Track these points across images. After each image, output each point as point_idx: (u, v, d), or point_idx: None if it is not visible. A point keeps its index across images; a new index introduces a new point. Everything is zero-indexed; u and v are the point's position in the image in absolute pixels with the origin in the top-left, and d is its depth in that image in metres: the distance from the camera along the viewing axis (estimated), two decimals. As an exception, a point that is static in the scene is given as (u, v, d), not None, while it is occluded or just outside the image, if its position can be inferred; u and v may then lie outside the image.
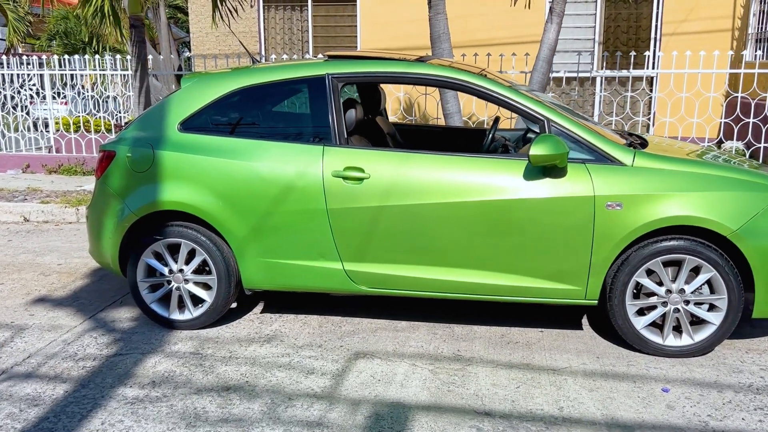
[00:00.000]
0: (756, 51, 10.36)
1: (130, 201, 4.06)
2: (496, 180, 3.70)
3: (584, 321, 4.30)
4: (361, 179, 3.81)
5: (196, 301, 4.17)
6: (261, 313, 4.46)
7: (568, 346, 3.91)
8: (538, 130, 4.69)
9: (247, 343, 3.97)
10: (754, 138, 8.89)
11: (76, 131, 9.82)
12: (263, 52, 12.06)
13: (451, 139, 5.39)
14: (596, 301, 3.76)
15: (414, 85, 4.05)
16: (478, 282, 3.81)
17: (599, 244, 3.64)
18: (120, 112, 9.91)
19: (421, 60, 4.10)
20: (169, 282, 4.15)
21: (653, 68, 10.51)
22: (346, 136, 3.94)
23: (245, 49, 4.90)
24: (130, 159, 4.07)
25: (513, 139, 5.02)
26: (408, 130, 5.50)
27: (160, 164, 4.02)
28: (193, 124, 4.07)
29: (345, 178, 3.83)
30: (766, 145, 8.52)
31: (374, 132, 4.80)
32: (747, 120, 8.57)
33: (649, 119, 10.82)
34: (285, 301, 4.62)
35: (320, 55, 4.30)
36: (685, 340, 3.71)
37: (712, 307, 3.68)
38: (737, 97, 8.60)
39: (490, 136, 4.72)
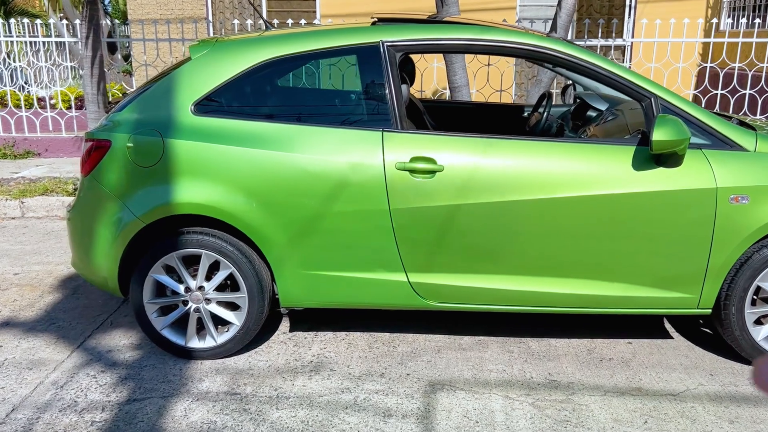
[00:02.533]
0: (727, 19, 10.13)
1: (133, 203, 3.20)
2: (601, 171, 3.07)
3: (667, 325, 3.77)
4: (432, 172, 3.10)
5: (218, 323, 3.38)
6: (290, 331, 3.70)
7: (670, 361, 3.37)
8: (598, 106, 4.10)
9: (291, 376, 3.22)
10: (722, 110, 8.62)
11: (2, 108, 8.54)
12: (209, 17, 10.95)
13: (487, 118, 4.72)
14: (710, 310, 3.22)
15: (488, 54, 3.37)
16: (575, 293, 3.19)
17: (719, 244, 3.08)
18: (30, 85, 8.60)
19: (490, 25, 3.39)
20: (185, 302, 3.34)
21: (631, 37, 10.12)
22: (407, 119, 3.21)
23: (257, 12, 4.01)
24: (133, 150, 3.20)
25: (560, 117, 4.40)
26: (432, 108, 4.78)
27: (172, 156, 3.17)
28: (211, 105, 3.23)
29: (413, 171, 3.10)
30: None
31: (410, 112, 4.07)
32: (715, 91, 8.25)
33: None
34: (314, 315, 3.88)
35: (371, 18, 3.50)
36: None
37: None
38: (707, 67, 8.27)
39: (545, 114, 4.08)
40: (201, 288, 3.31)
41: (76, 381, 3.18)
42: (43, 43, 8.39)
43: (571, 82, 4.76)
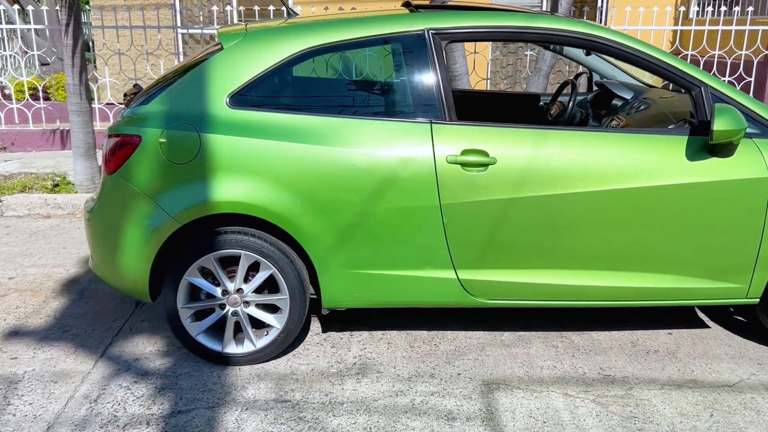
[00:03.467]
0: (695, 7, 10.29)
1: (167, 202, 3.00)
2: (656, 162, 3.02)
3: (701, 315, 3.78)
4: (485, 165, 3.00)
5: (255, 327, 3.22)
6: (324, 332, 3.56)
7: (716, 351, 3.36)
8: (624, 95, 4.07)
9: (338, 379, 3.09)
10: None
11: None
12: (176, 3, 10.55)
13: (503, 107, 4.63)
14: (758, 299, 3.22)
15: (536, 43, 3.27)
16: (627, 286, 3.14)
17: (770, 234, 3.08)
18: None
19: (541, 13, 3.30)
20: (222, 306, 3.16)
21: (604, 25, 10.18)
22: (455, 110, 3.09)
23: (281, 1, 3.80)
24: (166, 146, 2.99)
25: (578, 106, 4.35)
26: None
27: (210, 152, 2.98)
28: (248, 97, 3.04)
29: (464, 164, 2.99)
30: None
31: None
32: None
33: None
34: (346, 315, 3.74)
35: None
36: None
37: None
38: (688, 55, 8.38)
39: (571, 104, 4.02)
40: (239, 290, 3.13)
41: (110, 393, 2.97)
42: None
43: (584, 70, 4.72)
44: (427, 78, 3.07)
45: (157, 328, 3.59)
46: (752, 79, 7.89)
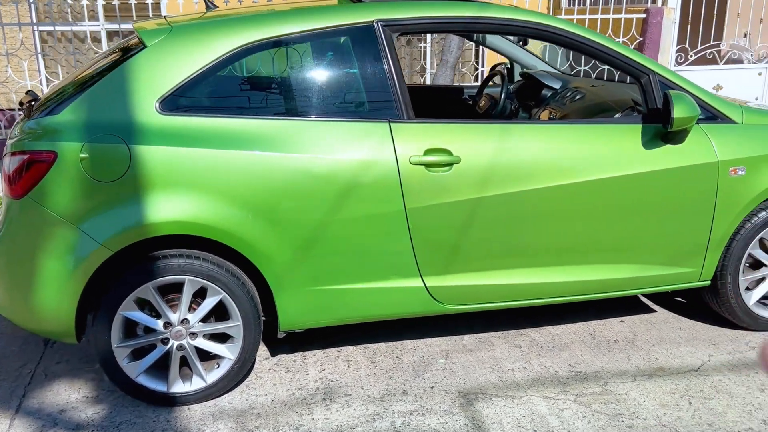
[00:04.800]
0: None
1: (94, 228, 2.57)
2: (616, 151, 2.97)
3: (644, 300, 3.83)
4: (449, 165, 2.82)
5: (203, 359, 2.87)
6: (273, 356, 3.25)
7: (670, 335, 3.40)
8: (553, 85, 4.04)
9: (305, 408, 2.80)
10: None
11: None
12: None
13: (430, 100, 4.48)
14: (709, 282, 3.28)
15: (487, 33, 3.12)
16: (592, 280, 3.09)
17: (720, 217, 3.13)
18: None
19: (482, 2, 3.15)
20: (164, 341, 2.77)
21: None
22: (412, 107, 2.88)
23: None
24: (89, 162, 2.56)
25: (508, 98, 4.29)
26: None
27: (142, 166, 2.58)
28: (181, 101, 2.67)
29: (428, 165, 2.80)
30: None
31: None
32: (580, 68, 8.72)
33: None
34: (293, 335, 3.43)
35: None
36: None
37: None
38: None
39: (503, 96, 3.94)
40: (184, 321, 2.76)
41: (40, 457, 2.52)
42: None
43: (504, 62, 4.67)
44: (382, 74, 2.84)
45: (77, 370, 3.13)
46: (605, 67, 8.26)
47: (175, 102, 2.66)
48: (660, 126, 3.01)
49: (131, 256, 2.70)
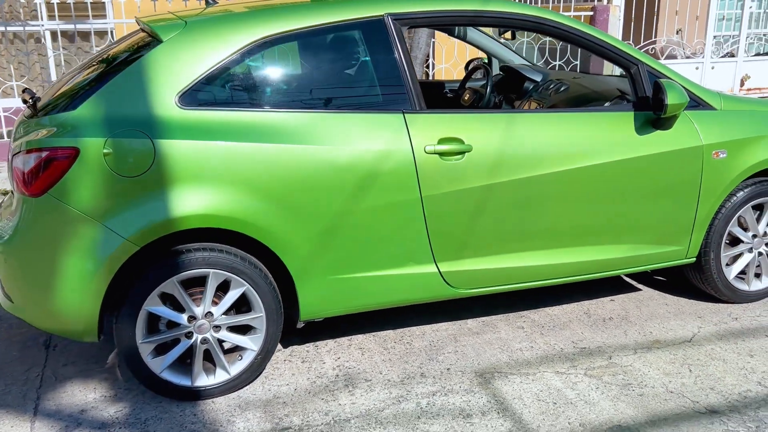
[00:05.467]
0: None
1: (120, 224, 2.56)
2: (613, 138, 3.14)
3: (626, 279, 4.04)
4: (462, 153, 2.93)
5: (225, 352, 2.89)
6: (285, 347, 3.28)
7: (659, 311, 3.61)
8: (535, 77, 4.21)
9: (329, 395, 2.86)
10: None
11: None
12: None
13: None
14: (695, 259, 3.50)
15: (491, 26, 3.24)
16: (591, 260, 3.26)
17: (705, 197, 3.35)
18: None
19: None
20: (188, 335, 2.78)
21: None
22: (423, 98, 2.98)
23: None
24: (113, 157, 2.55)
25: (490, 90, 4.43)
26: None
27: (167, 160, 2.59)
28: (200, 95, 2.69)
29: (442, 154, 2.90)
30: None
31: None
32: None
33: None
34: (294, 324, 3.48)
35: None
36: (755, 285, 3.66)
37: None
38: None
39: (489, 89, 4.09)
40: (208, 314, 2.77)
41: (72, 457, 2.49)
42: None
43: (482, 56, 4.81)
44: (394, 66, 2.92)
45: (87, 371, 3.08)
46: (578, 62, 8.60)
47: (194, 96, 2.67)
48: (650, 113, 3.19)
49: (152, 252, 2.70)
